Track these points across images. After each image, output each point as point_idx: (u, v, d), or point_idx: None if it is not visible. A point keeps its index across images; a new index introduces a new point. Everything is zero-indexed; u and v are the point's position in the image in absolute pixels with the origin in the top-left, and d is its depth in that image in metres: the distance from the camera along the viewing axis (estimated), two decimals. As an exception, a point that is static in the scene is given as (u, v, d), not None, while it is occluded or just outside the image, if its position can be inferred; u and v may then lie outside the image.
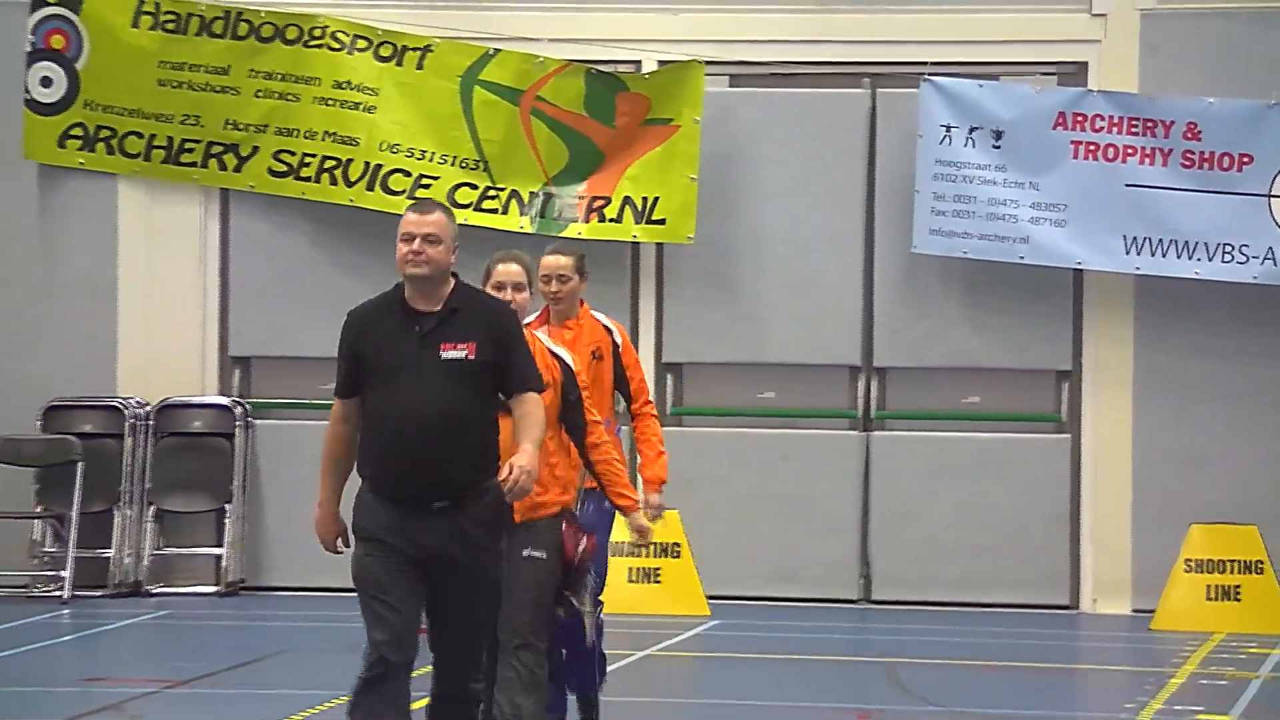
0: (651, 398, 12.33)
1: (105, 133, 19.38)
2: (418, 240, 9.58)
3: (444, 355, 9.52)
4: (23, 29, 19.27)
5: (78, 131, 19.39)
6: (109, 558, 19.21)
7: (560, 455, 10.64)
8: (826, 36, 19.09)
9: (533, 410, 9.68)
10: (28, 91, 19.34)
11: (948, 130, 18.70)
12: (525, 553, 10.40)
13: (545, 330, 11.32)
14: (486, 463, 9.56)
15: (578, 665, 11.65)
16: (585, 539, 10.69)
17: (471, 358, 9.55)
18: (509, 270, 10.81)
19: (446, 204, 10.74)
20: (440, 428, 9.42)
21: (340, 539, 9.84)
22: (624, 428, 12.92)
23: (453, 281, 9.71)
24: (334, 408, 9.90)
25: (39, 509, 19.25)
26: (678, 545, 18.48)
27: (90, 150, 19.39)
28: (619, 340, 12.04)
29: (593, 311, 12.06)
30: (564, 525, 10.57)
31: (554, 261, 11.77)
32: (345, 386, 9.75)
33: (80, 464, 18.99)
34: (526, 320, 10.88)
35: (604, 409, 11.66)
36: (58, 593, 18.79)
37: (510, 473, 9.42)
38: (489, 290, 10.57)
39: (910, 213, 18.77)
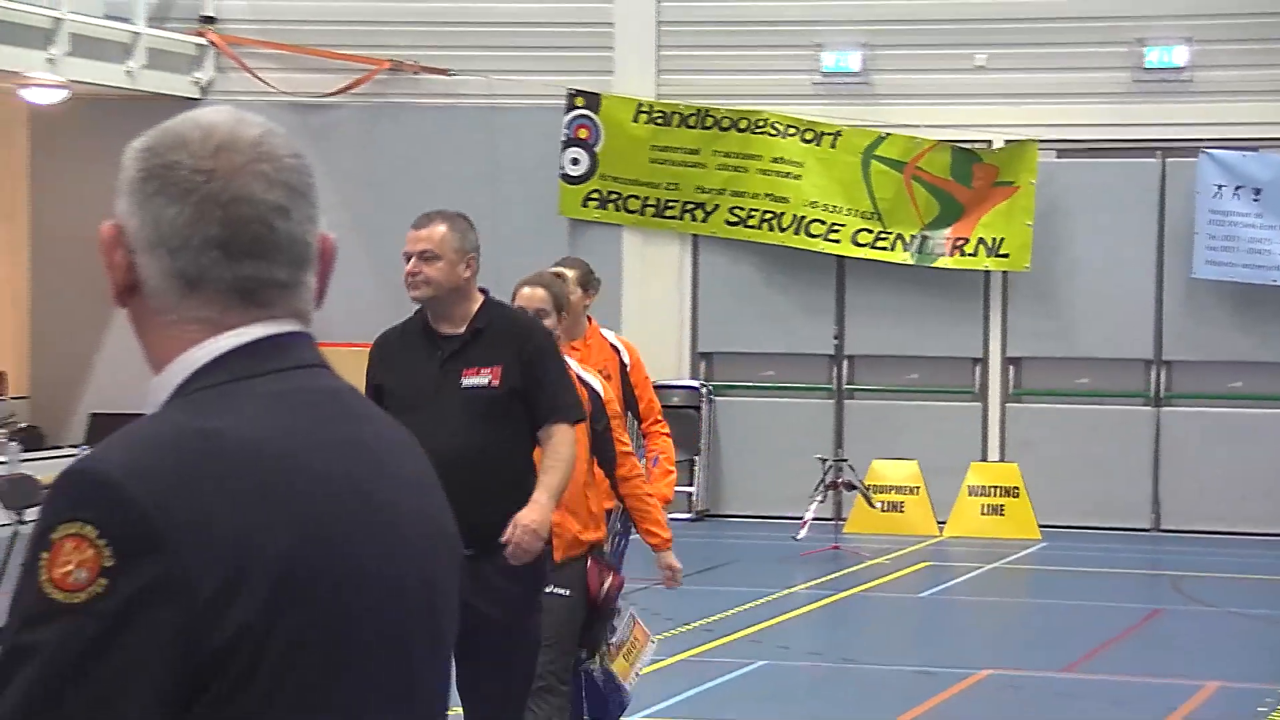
0: (661, 416, 8.64)
1: (614, 196, 19.39)
2: (413, 259, 6.40)
3: (465, 383, 6.32)
4: (559, 124, 19.32)
5: (595, 195, 19.42)
6: (615, 493, 19.15)
7: (593, 489, 7.17)
8: (1128, 121, 18.55)
9: (559, 448, 6.34)
10: (562, 168, 19.40)
11: (1219, 188, 18.08)
12: (549, 589, 6.70)
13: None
14: (520, 504, 6.25)
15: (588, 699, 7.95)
16: (611, 577, 7.24)
17: (496, 384, 6.31)
18: (529, 295, 7.23)
19: (461, 214, 6.57)
20: (462, 467, 5.80)
21: None
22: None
23: (480, 299, 6.46)
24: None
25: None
26: (1016, 488, 18.12)
27: (603, 208, 19.41)
28: (627, 360, 8.46)
29: (602, 330, 8.57)
30: (589, 562, 7.11)
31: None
32: None
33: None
34: None
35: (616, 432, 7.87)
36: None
37: (513, 531, 6.23)
38: None
39: (1191, 248, 18.18)
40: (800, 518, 17.46)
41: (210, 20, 19.74)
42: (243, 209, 1.97)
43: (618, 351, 8.46)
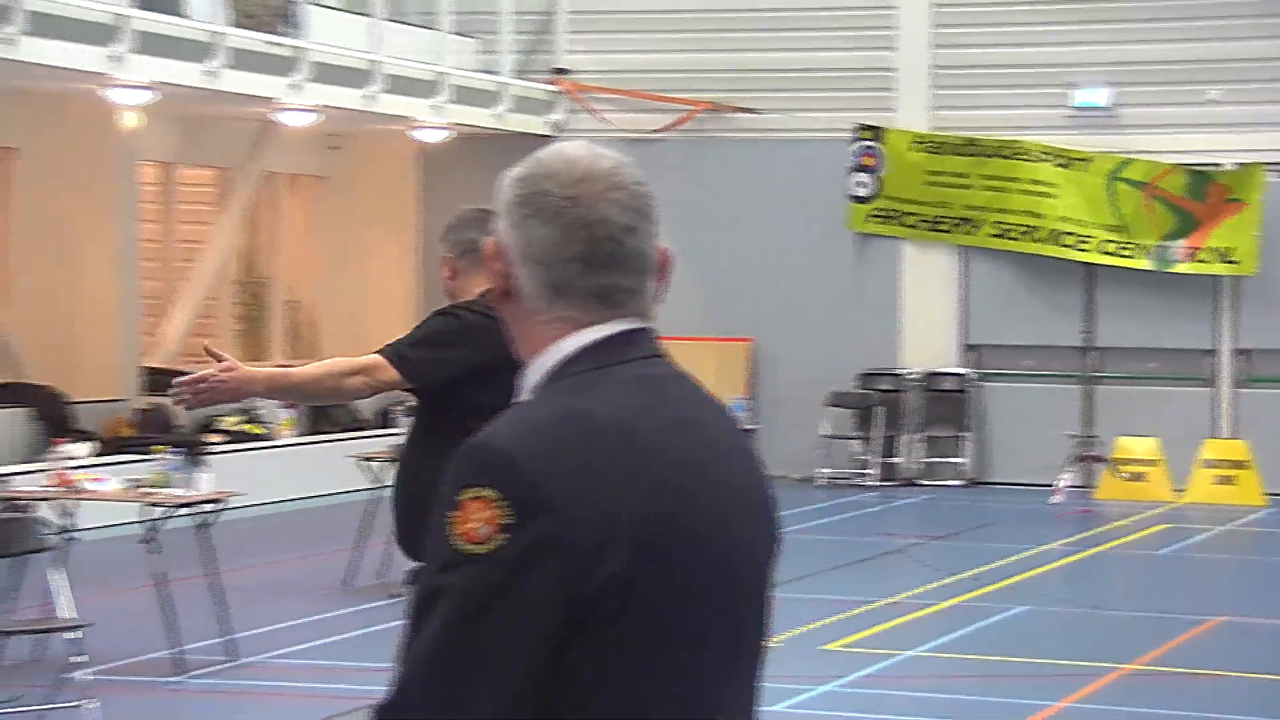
0: None
1: (894, 213, 19.16)
2: None
3: None
4: (847, 154, 19.18)
5: (878, 213, 19.21)
6: (897, 463, 18.98)
7: None
8: (1346, 144, 17.85)
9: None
10: (850, 190, 19.23)
11: None
12: None
13: None
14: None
15: None
16: None
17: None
18: None
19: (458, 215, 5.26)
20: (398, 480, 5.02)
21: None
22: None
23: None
24: (380, 369, 4.85)
25: (855, 433, 19.10)
26: (1245, 461, 17.49)
27: (885, 224, 19.21)
28: None
29: None
30: None
31: None
32: (437, 381, 4.91)
33: (879, 407, 18.84)
34: None
35: None
36: (867, 483, 18.62)
37: None
38: None
39: (1402, 254, 17.42)
40: (1055, 485, 17.34)
41: (563, 72, 20.15)
42: (600, 230, 1.99)
43: None
